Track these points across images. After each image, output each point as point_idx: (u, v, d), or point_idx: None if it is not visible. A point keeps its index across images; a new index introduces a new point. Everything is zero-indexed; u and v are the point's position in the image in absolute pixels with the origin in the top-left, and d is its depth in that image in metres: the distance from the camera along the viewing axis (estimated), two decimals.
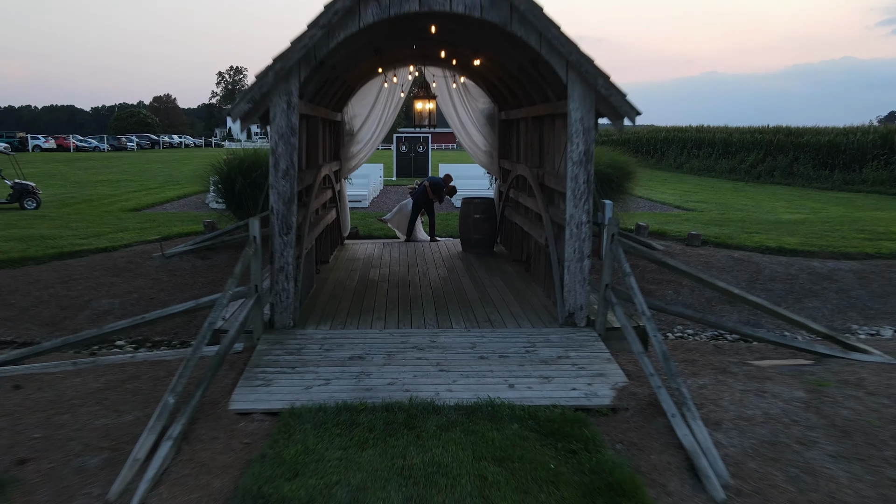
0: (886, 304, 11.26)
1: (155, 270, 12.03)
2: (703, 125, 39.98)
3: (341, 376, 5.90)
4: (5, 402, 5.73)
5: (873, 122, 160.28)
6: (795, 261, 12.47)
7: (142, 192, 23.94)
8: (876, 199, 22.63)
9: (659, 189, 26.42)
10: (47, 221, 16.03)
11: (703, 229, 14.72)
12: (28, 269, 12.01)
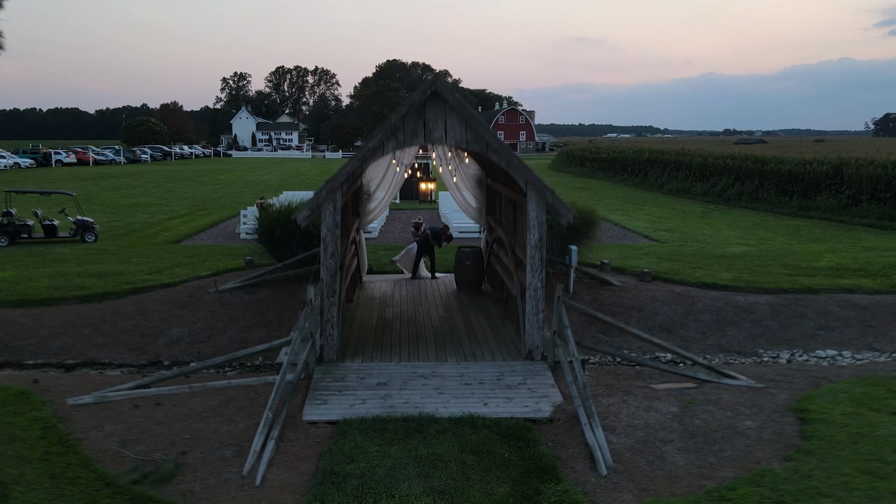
0: (789, 332, 14.23)
1: (211, 304, 15.00)
2: (684, 148, 42.89)
3: (373, 398, 8.85)
4: (155, 414, 8.69)
5: (868, 125, 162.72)
6: (724, 295, 15.43)
7: (175, 219, 26.84)
8: (823, 226, 25.56)
9: (636, 214, 29.33)
10: (110, 256, 18.97)
11: (657, 264, 17.67)
12: (111, 303, 14.99)
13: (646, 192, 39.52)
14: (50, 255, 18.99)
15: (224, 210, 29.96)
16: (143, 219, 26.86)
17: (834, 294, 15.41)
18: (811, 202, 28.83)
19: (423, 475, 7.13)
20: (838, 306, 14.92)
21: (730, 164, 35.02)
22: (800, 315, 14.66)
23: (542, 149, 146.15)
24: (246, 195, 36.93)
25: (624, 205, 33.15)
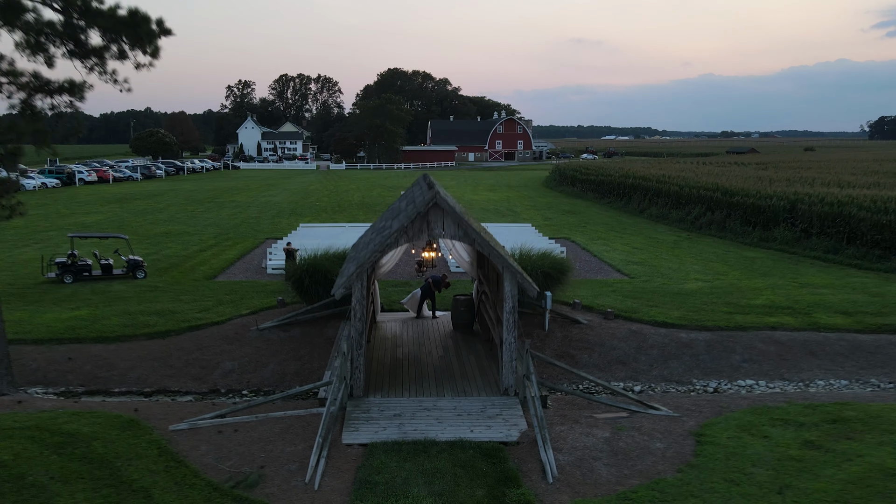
0: (719, 365, 17.63)
1: (254, 340, 18.41)
2: (665, 175, 46.27)
3: (390, 426, 12.22)
4: (236, 438, 12.06)
5: (864, 127, 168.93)
6: (671, 332, 18.83)
7: (206, 251, 30.20)
8: (776, 258, 28.92)
9: (614, 244, 32.69)
10: (162, 293, 22.35)
11: (621, 303, 21.04)
12: (172, 339, 18.41)
13: (628, 217, 42.89)
14: (111, 292, 22.37)
15: (247, 240, 33.33)
16: (178, 250, 30.21)
17: (760, 332, 18.80)
18: (770, 233, 32.19)
19: (428, 483, 10.52)
20: (762, 342, 18.32)
21: (703, 195, 38.38)
22: (729, 350, 18.06)
23: (540, 157, 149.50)
24: (263, 221, 40.30)
25: (606, 232, 36.53)
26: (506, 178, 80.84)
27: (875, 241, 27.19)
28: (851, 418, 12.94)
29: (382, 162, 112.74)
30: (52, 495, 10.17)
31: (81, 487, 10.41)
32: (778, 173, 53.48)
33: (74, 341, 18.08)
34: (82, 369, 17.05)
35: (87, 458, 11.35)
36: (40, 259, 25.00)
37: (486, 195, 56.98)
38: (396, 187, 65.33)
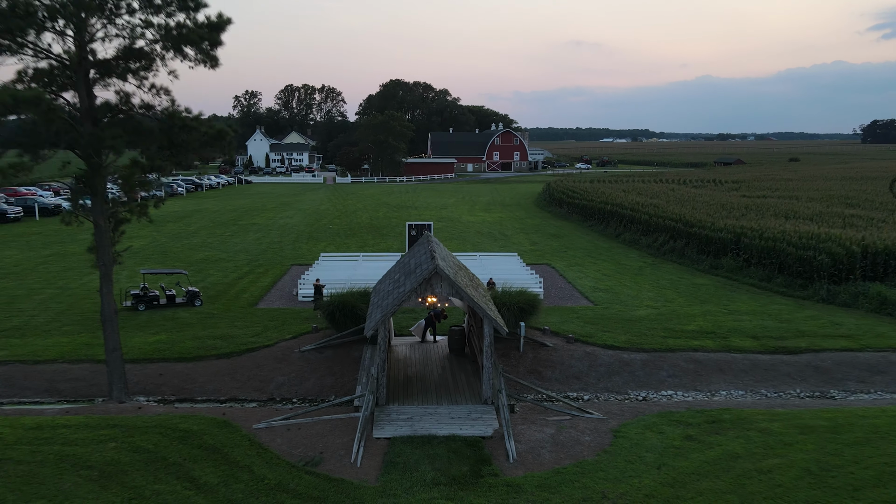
0: (650, 379, 23.15)
1: (298, 360, 23.93)
2: (638, 203, 51.78)
3: (405, 426, 17.73)
4: (300, 433, 17.55)
5: (856, 130, 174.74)
6: (616, 353, 24.34)
7: (243, 279, 35.66)
8: (719, 285, 34.40)
9: (588, 270, 38.14)
10: (218, 319, 27.85)
11: (581, 328, 26.53)
12: (235, 359, 23.93)
13: (605, 241, 48.38)
14: (178, 319, 27.89)
15: (275, 266, 38.82)
16: (220, 278, 35.70)
17: (684, 353, 24.33)
18: (719, 261, 37.67)
19: (431, 462, 16.03)
20: (684, 361, 23.85)
21: (667, 224, 43.86)
22: (658, 367, 23.59)
23: (535, 167, 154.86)
24: (285, 246, 45.77)
25: (583, 258, 42.01)
26: (501, 195, 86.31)
27: (798, 272, 32.70)
28: (725, 419, 18.46)
29: (385, 175, 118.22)
30: (190, 469, 15.69)
31: (206, 465, 15.93)
32: (743, 198, 59.08)
33: (161, 360, 23.61)
34: (171, 383, 22.58)
35: (202, 446, 16.88)
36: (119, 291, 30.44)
37: (482, 216, 62.47)
38: (400, 206, 70.90)
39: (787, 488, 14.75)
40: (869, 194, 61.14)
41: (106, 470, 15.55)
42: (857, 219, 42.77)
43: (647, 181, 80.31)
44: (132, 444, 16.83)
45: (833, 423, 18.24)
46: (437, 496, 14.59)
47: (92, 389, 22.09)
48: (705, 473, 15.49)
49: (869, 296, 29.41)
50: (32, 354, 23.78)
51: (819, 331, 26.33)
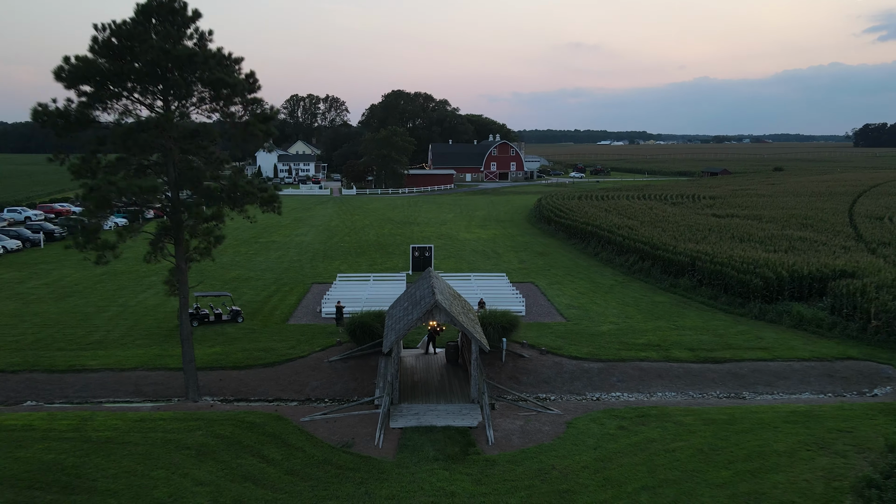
0: (603, 383, 29.26)
1: (327, 368, 30.08)
2: (614, 225, 57.90)
3: (413, 419, 23.87)
4: (336, 425, 23.69)
5: (849, 133, 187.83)
6: (579, 363, 30.47)
7: (273, 297, 41.75)
8: (675, 302, 40.46)
9: (566, 288, 44.21)
10: (259, 334, 33.95)
11: (553, 341, 32.64)
12: (277, 367, 30.07)
13: (585, 259, 54.48)
14: (227, 334, 34.01)
15: (298, 285, 44.91)
16: (252, 296, 41.78)
17: (632, 362, 30.44)
18: (677, 281, 43.78)
19: (432, 444, 22.17)
20: (631, 369, 29.97)
21: (638, 246, 49.97)
22: (611, 374, 29.72)
23: (531, 177, 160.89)
24: (305, 265, 51.85)
25: (563, 276, 48.08)
26: (496, 209, 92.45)
27: (738, 293, 38.80)
28: (652, 414, 24.59)
29: (389, 187, 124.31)
30: (260, 449, 21.82)
31: (271, 446, 22.06)
32: (712, 217, 65.22)
33: (220, 368, 29.72)
34: (229, 386, 28.69)
35: (266, 433, 23.01)
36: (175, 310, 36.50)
37: (478, 233, 68.61)
38: (404, 222, 77.03)
39: (682, 461, 20.89)
40: (827, 213, 67.27)
41: (200, 449, 21.68)
42: (801, 241, 48.90)
43: (631, 198, 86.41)
44: (214, 431, 22.97)
45: (731, 417, 24.40)
46: (437, 468, 20.72)
47: (169, 391, 28.21)
48: (627, 452, 21.63)
49: (791, 314, 35.53)
50: (118, 363, 29.91)
51: (744, 344, 32.46)
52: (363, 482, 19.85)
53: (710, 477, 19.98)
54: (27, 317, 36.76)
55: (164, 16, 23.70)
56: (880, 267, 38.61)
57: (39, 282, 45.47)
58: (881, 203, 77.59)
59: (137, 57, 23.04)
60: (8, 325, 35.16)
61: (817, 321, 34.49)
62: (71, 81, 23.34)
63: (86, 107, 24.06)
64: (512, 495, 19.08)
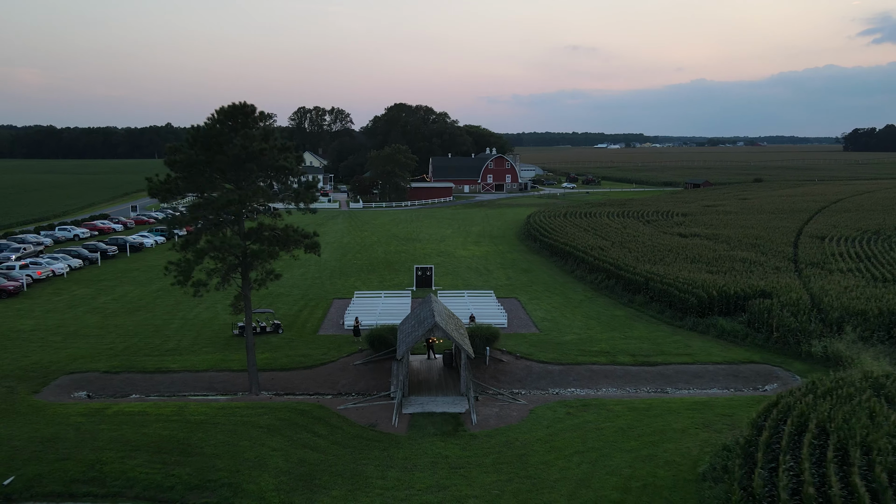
0: (563, 381, 38.21)
1: (353, 370, 39.07)
2: (588, 246, 66.83)
3: (419, 407, 32.77)
4: (363, 411, 32.63)
5: (839, 138, 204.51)
6: (545, 365, 39.38)
7: (303, 311, 50.65)
8: (632, 315, 49.27)
9: (543, 302, 53.07)
10: (297, 343, 42.88)
11: (527, 349, 41.52)
12: (315, 369, 39.07)
13: (563, 276, 63.34)
14: (272, 343, 42.90)
15: (322, 301, 53.80)
16: (286, 311, 50.68)
17: (585, 366, 39.33)
18: (634, 297, 52.65)
19: (433, 425, 31.07)
20: (584, 371, 38.89)
21: (605, 266, 58.83)
22: (569, 374, 38.62)
23: (525, 188, 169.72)
24: (325, 282, 60.72)
25: (542, 292, 56.95)
26: (491, 223, 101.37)
27: (679, 308, 47.68)
28: (592, 404, 33.48)
29: (392, 200, 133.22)
30: (311, 427, 30.74)
31: (319, 426, 30.97)
32: (676, 236, 74.04)
33: (270, 370, 38.59)
34: (278, 384, 37.57)
35: (313, 417, 31.92)
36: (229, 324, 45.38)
37: (472, 250, 77.55)
38: (408, 238, 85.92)
39: (606, 436, 29.77)
40: (778, 232, 76.09)
41: (269, 428, 30.57)
42: (742, 263, 57.75)
43: (611, 216, 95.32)
44: (276, 416, 31.86)
45: (649, 406, 33.29)
46: (436, 440, 29.61)
47: (235, 387, 37.07)
48: (569, 430, 30.54)
49: (716, 326, 44.42)
50: (193, 366, 38.83)
51: (674, 350, 41.35)
52: (385, 449, 28.78)
53: (623, 445, 28.87)
54: (111, 328, 45.71)
55: (241, 117, 32.63)
56: (792, 287, 47.49)
57: (108, 297, 54.43)
58: (832, 221, 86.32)
59: (223, 152, 31.92)
60: (98, 336, 44.11)
61: (734, 333, 43.41)
62: (175, 168, 32.26)
63: (184, 181, 32.95)
64: (486, 457, 27.98)
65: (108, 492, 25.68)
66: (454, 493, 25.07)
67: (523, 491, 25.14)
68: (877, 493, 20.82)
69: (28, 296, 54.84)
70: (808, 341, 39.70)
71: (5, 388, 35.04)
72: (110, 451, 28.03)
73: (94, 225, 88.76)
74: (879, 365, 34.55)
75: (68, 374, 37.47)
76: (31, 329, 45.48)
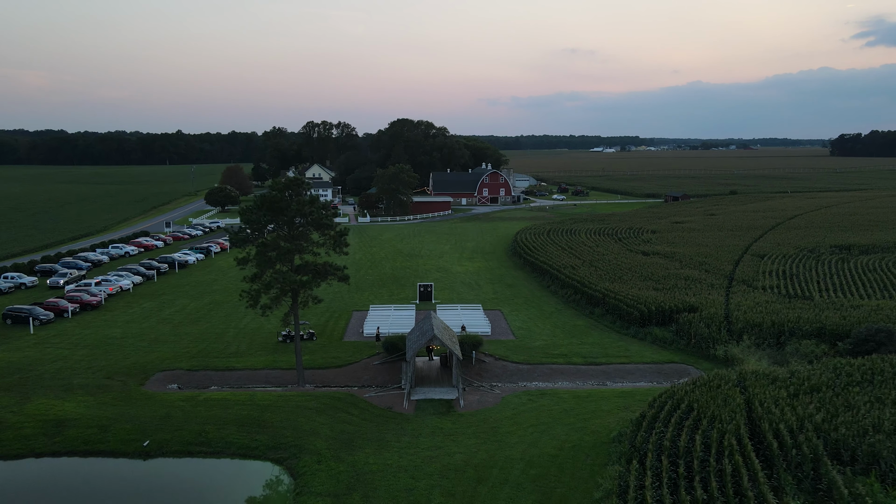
0: (529, 377, 50.47)
1: (373, 368, 51.38)
2: (562, 265, 79.00)
3: (422, 395, 44.94)
4: (383, 397, 44.80)
5: (825, 143, 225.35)
6: (517, 365, 51.62)
7: (330, 322, 62.79)
8: (591, 325, 61.35)
9: (520, 314, 65.22)
10: (330, 348, 55.09)
11: (504, 353, 53.73)
12: (344, 368, 51.43)
13: (540, 290, 75.46)
14: (308, 348, 55.05)
15: (344, 313, 65.97)
16: (316, 321, 62.79)
17: (548, 365, 51.50)
18: (594, 310, 64.78)
19: (432, 407, 43.23)
20: (547, 369, 51.09)
21: (574, 283, 70.92)
22: (534, 372, 50.82)
23: (518, 200, 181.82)
24: (343, 294, 72.86)
25: (522, 304, 69.05)
26: (484, 238, 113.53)
27: (626, 320, 59.79)
28: (547, 393, 45.65)
29: (396, 214, 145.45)
30: (347, 409, 42.94)
31: (352, 409, 43.16)
32: (639, 254, 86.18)
33: (309, 369, 50.75)
34: (317, 379, 49.73)
35: (347, 402, 44.14)
36: (274, 332, 57.59)
37: (466, 265, 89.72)
38: (411, 254, 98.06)
39: (553, 415, 41.89)
40: (726, 251, 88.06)
41: (317, 409, 42.74)
42: (685, 280, 69.82)
43: (589, 233, 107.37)
44: (320, 402, 44.03)
45: (589, 394, 45.45)
46: (434, 417, 41.77)
47: (286, 382, 49.10)
48: (528, 411, 42.68)
49: (652, 334, 56.56)
50: (251, 365, 51.00)
51: (616, 353, 53.48)
52: (399, 423, 40.96)
53: (564, 421, 41.00)
54: (182, 336, 57.92)
55: (294, 187, 44.82)
56: (714, 303, 59.63)
57: (172, 309, 66.66)
58: (779, 238, 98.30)
59: (283, 213, 44.09)
60: (173, 342, 56.30)
61: (664, 339, 55.59)
62: (247, 223, 44.47)
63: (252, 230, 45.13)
64: (469, 429, 40.12)
65: (213, 450, 37.91)
66: (446, 451, 37.22)
67: (492, 449, 37.31)
68: (709, 446, 32.94)
69: (107, 308, 67.05)
70: (714, 346, 51.91)
71: (119, 382, 47.28)
72: (209, 424, 40.24)
73: (140, 242, 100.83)
74: (759, 364, 46.72)
75: (161, 372, 49.70)
76: (121, 336, 57.70)
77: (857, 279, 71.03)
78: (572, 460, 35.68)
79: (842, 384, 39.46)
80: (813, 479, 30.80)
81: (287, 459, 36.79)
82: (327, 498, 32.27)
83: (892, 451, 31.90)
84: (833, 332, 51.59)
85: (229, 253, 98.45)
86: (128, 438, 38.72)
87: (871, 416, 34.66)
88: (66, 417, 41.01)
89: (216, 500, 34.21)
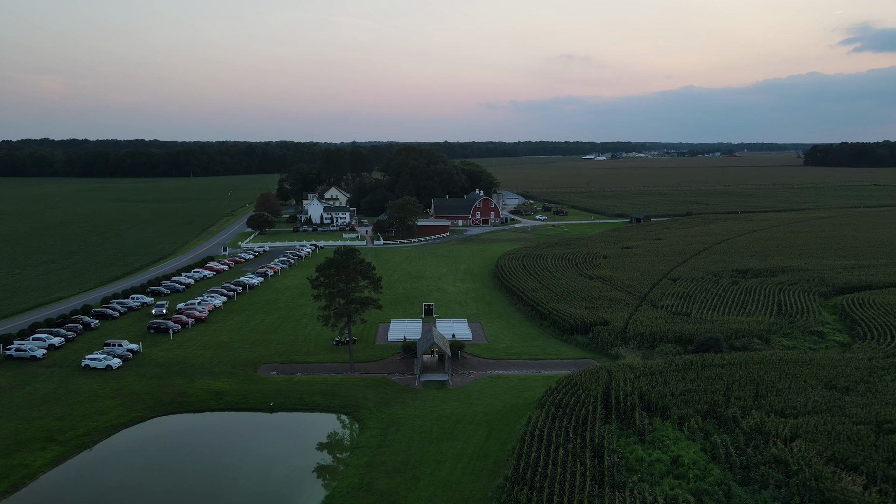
0: (494, 367, 78.20)
1: (397, 361, 79.18)
2: (528, 288, 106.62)
3: (427, 378, 72.52)
4: (402, 378, 72.42)
5: (799, 154, 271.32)
6: (487, 360, 79.38)
7: (364, 330, 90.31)
8: (541, 333, 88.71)
9: (494, 325, 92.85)
10: (368, 350, 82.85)
11: (479, 351, 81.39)
12: (379, 362, 79.36)
13: (510, 307, 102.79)
14: (353, 349, 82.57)
15: (373, 324, 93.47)
16: (356, 330, 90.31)
17: (507, 360, 79.24)
18: (544, 322, 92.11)
19: (433, 385, 70.85)
20: (505, 363, 78.87)
21: (532, 303, 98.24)
22: (497, 364, 78.50)
23: (505, 221, 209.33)
24: (373, 312, 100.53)
25: (495, 319, 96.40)
26: (474, 261, 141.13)
27: (564, 329, 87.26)
28: (503, 377, 73.26)
29: (404, 237, 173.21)
30: (381, 389, 70.56)
31: (387, 388, 70.81)
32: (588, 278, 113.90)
33: (357, 362, 78.32)
34: (362, 369, 77.31)
35: (383, 383, 71.79)
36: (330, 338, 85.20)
37: (459, 286, 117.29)
38: (417, 276, 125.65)
39: (505, 389, 69.45)
40: (652, 275, 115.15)
41: (367, 387, 70.38)
42: (609, 301, 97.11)
43: (554, 259, 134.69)
44: (367, 383, 71.69)
45: (528, 377, 73.00)
46: (434, 391, 69.39)
47: (341, 371, 76.56)
48: (490, 386, 70.23)
49: (577, 340, 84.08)
50: (319, 360, 78.63)
51: (552, 352, 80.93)
52: (413, 394, 68.55)
53: (511, 392, 68.50)
54: (269, 341, 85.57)
55: (350, 254, 72.46)
56: (620, 318, 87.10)
57: (255, 322, 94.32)
58: (697, 263, 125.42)
59: (345, 270, 71.75)
60: (264, 345, 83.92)
61: (583, 343, 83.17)
62: (321, 274, 72.28)
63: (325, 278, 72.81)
64: (453, 396, 67.62)
65: (309, 408, 65.75)
66: (440, 408, 64.56)
67: (466, 407, 64.70)
68: (581, 402, 60.48)
69: (210, 321, 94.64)
70: (612, 348, 79.49)
71: (241, 370, 74.97)
72: (304, 394, 67.99)
73: (212, 267, 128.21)
74: (633, 360, 74.22)
75: (264, 364, 77.39)
76: (229, 341, 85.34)
77: (733, 300, 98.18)
78: (511, 412, 63.26)
79: (669, 370, 67.07)
80: (629, 419, 58.39)
81: (352, 413, 64.45)
82: (376, 430, 59.80)
83: (678, 408, 59.41)
84: (687, 338, 79.21)
85: (280, 275, 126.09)
86: (259, 401, 66.44)
87: (676, 388, 62.13)
88: (220, 390, 68.75)
89: (316, 434, 61.87)
